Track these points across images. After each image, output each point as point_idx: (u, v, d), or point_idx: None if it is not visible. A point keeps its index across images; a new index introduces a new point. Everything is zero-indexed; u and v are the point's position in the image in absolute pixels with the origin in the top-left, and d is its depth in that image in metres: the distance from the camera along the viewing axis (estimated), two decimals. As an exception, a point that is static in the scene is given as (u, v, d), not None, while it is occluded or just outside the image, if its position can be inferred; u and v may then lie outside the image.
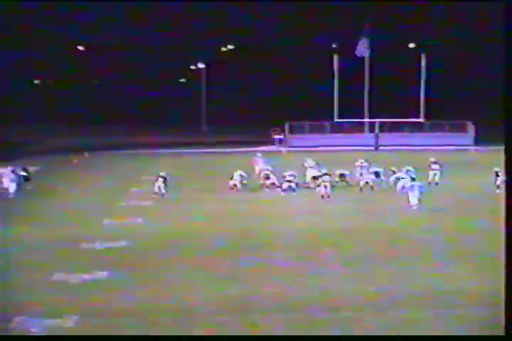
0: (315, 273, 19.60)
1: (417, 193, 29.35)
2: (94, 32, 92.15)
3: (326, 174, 33.60)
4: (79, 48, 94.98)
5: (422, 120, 60.89)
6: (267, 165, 38.39)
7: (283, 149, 59.11)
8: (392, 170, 35.32)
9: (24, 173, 36.49)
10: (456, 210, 29.23)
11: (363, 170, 36.31)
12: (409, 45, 74.03)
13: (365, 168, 36.59)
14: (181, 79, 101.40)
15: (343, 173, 36.33)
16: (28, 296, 17.60)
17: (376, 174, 35.71)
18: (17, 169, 35.75)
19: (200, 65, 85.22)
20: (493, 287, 15.78)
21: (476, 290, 17.65)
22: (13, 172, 34.88)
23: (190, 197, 33.68)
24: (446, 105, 74.77)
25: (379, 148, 59.61)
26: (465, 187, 35.55)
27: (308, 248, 22.78)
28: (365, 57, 60.92)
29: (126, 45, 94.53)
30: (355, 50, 60.72)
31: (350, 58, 60.32)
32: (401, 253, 21.97)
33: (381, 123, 61.72)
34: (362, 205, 31.01)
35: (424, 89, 59.94)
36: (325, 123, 63.17)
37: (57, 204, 32.20)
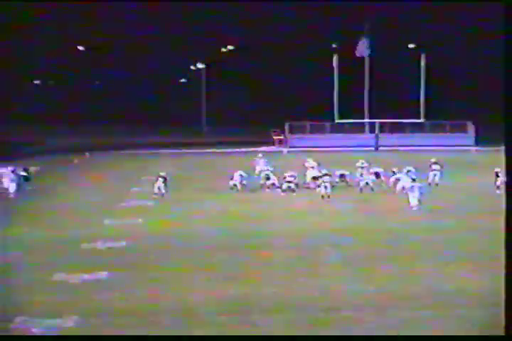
0: (315, 273, 19.61)
1: (417, 194, 29.33)
2: (94, 32, 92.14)
3: (326, 174, 33.62)
4: (79, 48, 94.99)
5: (422, 120, 60.92)
6: (267, 166, 38.42)
7: (284, 149, 59.14)
8: (393, 171, 35.33)
9: (24, 173, 36.52)
10: (456, 211, 29.23)
11: (363, 171, 36.30)
12: (410, 45, 74.01)
13: (365, 169, 36.59)
14: (182, 80, 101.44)
15: (343, 174, 36.35)
16: (28, 296, 17.61)
17: (376, 174, 35.72)
18: (17, 169, 35.78)
19: (200, 66, 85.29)
20: (493, 287, 15.78)
21: (476, 290, 17.66)
22: (13, 172, 34.90)
23: (190, 197, 33.70)
24: (447, 105, 74.76)
25: (379, 148, 59.64)
26: (465, 188, 35.58)
27: (308, 248, 22.79)
28: (365, 57, 60.95)
29: (126, 45, 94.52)
30: (355, 50, 60.74)
31: (351, 58, 60.36)
32: (401, 253, 21.98)
33: (381, 124, 61.74)
34: (362, 206, 31.04)
35: (424, 90, 59.96)
36: (325, 124, 63.22)
37: (58, 204, 32.22)
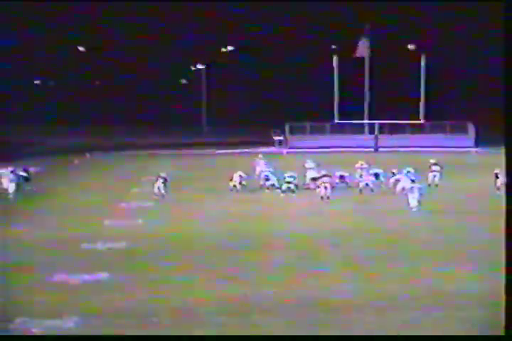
0: (315, 274, 19.61)
1: (416, 195, 29.31)
2: (94, 32, 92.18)
3: (326, 175, 33.60)
4: (79, 49, 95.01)
5: (422, 121, 60.87)
6: (267, 167, 38.42)
7: (283, 150, 59.15)
8: (392, 172, 35.33)
9: (24, 174, 36.51)
10: (456, 212, 29.24)
11: (362, 172, 36.30)
12: (409, 46, 74.02)
13: (365, 170, 36.58)
14: (182, 80, 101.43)
15: (343, 175, 36.31)
16: (28, 297, 17.62)
17: (376, 176, 35.69)
18: (17, 169, 35.76)
19: (200, 66, 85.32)
20: (493, 287, 15.80)
21: (475, 290, 17.68)
22: (13, 172, 34.87)
23: (190, 197, 33.72)
24: (447, 106, 74.74)
25: (379, 149, 59.63)
26: (465, 189, 35.57)
27: (307, 248, 22.80)
28: (365, 58, 60.93)
29: (126, 45, 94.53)
30: (355, 51, 60.73)
31: (350, 59, 60.36)
32: (401, 254, 21.99)
33: (381, 125, 61.71)
34: (362, 206, 31.05)
35: (424, 90, 59.94)
36: (325, 125, 63.20)
37: (58, 204, 32.23)
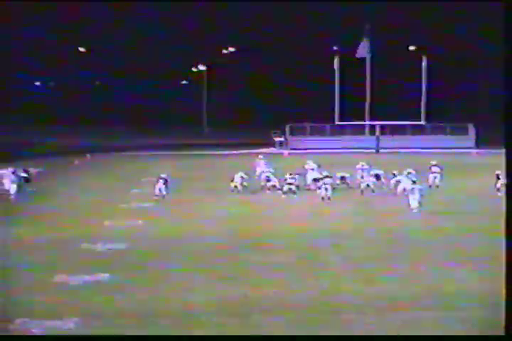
0: (315, 274, 19.62)
1: (417, 196, 29.30)
2: (95, 33, 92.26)
3: (327, 176, 33.61)
4: (80, 49, 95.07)
5: (423, 122, 60.89)
6: (268, 168, 38.44)
7: (284, 151, 59.17)
8: (393, 173, 35.31)
9: (25, 174, 36.56)
10: (457, 213, 29.23)
11: (363, 173, 36.33)
12: (410, 47, 74.07)
13: (365, 171, 36.60)
14: (183, 81, 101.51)
15: (344, 176, 36.33)
16: (28, 297, 17.62)
17: (377, 177, 35.70)
18: (18, 170, 35.80)
19: (201, 67, 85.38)
20: (493, 287, 15.80)
21: (476, 290, 17.67)
22: (14, 173, 34.91)
23: (190, 198, 33.72)
24: (448, 107, 74.77)
25: (380, 150, 59.63)
26: (465, 190, 35.57)
27: (308, 249, 22.80)
28: (366, 59, 60.96)
29: (127, 46, 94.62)
30: (356, 52, 60.76)
31: (351, 60, 60.39)
32: (401, 254, 21.98)
33: (382, 126, 61.73)
34: (362, 207, 31.06)
35: (425, 92, 59.95)
36: (326, 126, 63.23)
37: (58, 205, 32.24)
